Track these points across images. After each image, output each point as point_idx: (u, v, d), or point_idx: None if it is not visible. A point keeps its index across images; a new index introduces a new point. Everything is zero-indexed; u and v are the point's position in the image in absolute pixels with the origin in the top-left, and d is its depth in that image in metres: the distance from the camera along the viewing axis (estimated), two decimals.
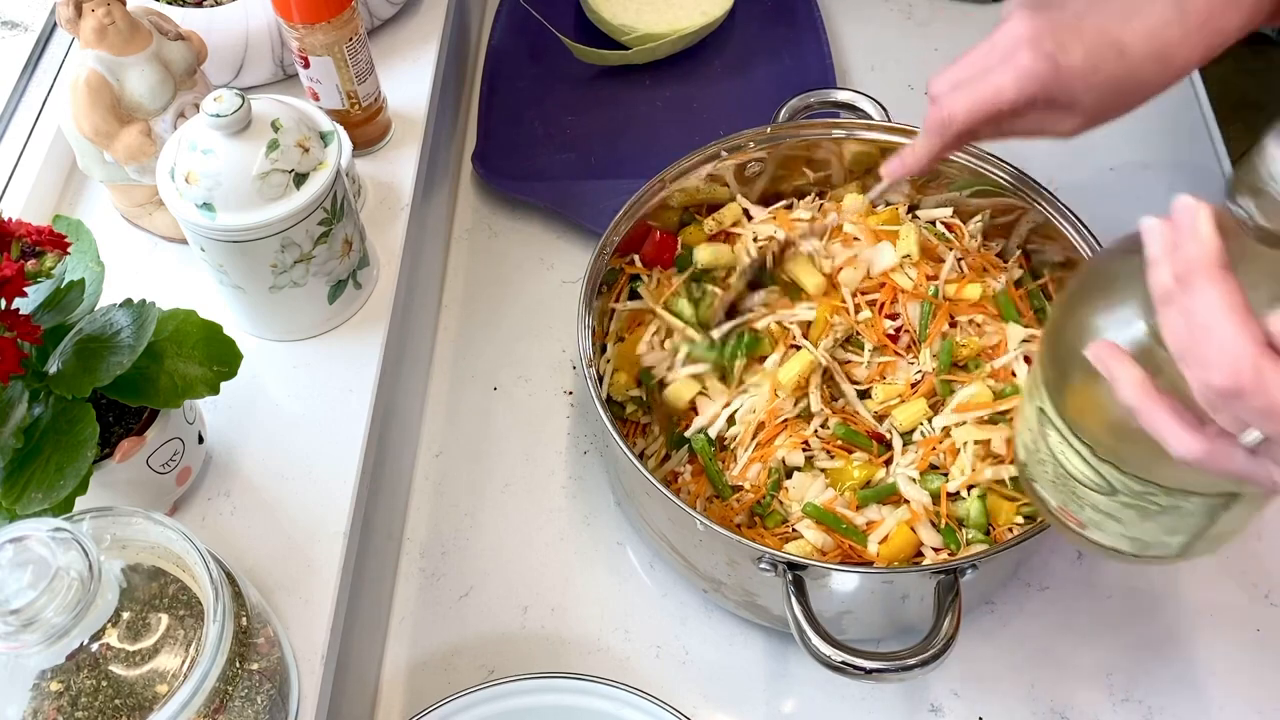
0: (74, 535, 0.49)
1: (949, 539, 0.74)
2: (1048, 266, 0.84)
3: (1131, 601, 0.80)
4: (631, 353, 0.82)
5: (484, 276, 1.00)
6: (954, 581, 0.65)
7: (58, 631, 0.48)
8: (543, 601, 0.81)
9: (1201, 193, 0.58)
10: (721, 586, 0.75)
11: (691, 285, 0.83)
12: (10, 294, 0.53)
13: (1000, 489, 0.75)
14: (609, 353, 0.83)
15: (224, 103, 0.65)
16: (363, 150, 0.88)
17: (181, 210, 0.68)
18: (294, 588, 0.67)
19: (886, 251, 0.82)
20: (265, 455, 0.72)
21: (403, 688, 0.78)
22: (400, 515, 0.85)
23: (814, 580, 0.67)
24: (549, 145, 1.06)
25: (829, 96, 0.88)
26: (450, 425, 0.91)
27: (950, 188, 0.87)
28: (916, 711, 0.76)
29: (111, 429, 0.63)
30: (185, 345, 0.61)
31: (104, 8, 0.70)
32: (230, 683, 0.55)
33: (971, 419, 0.76)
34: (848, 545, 0.74)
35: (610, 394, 0.81)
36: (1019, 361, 0.79)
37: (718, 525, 0.67)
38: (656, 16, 1.10)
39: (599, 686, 0.71)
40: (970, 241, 0.87)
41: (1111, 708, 0.76)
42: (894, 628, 0.76)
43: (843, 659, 0.63)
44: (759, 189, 0.90)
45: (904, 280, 0.81)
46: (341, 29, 0.80)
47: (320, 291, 0.75)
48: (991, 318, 0.81)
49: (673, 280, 0.85)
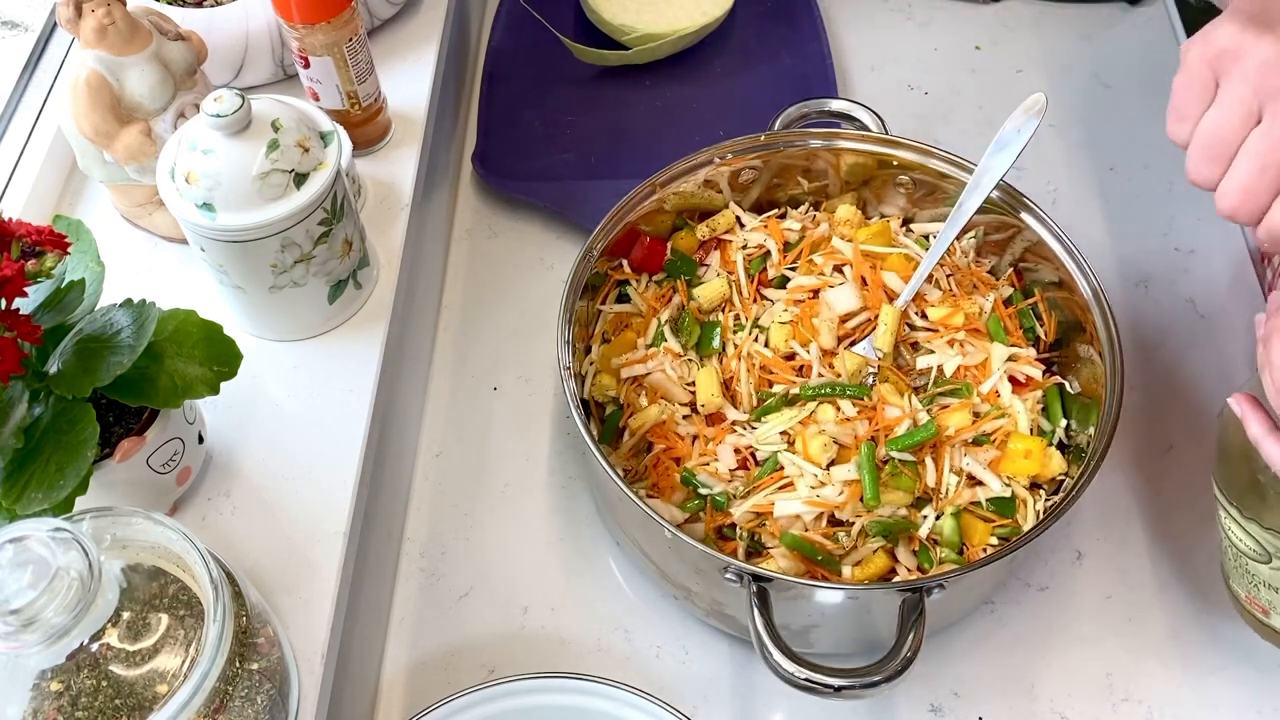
0: (74, 535, 0.49)
1: (922, 557, 0.74)
2: (1039, 285, 0.83)
3: (1131, 601, 0.80)
4: (614, 355, 0.82)
5: (484, 276, 1.00)
6: (919, 600, 0.65)
7: (58, 631, 0.48)
8: (543, 601, 0.81)
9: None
10: (692, 595, 0.75)
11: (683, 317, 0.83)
12: (10, 294, 0.53)
13: (976, 510, 0.75)
14: (593, 354, 0.83)
15: (224, 103, 0.65)
16: (363, 150, 0.88)
17: (181, 210, 0.68)
18: (294, 588, 0.67)
19: (847, 294, 0.81)
20: (265, 455, 0.72)
21: (403, 688, 0.78)
22: (400, 515, 0.85)
23: (779, 593, 0.67)
24: (549, 145, 1.06)
25: (825, 106, 0.88)
26: (450, 425, 0.91)
27: (945, 202, 0.86)
28: (916, 711, 0.76)
29: (111, 429, 0.63)
30: (185, 345, 0.61)
31: (104, 8, 0.70)
32: (230, 683, 0.55)
33: (959, 442, 0.76)
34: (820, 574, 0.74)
35: (594, 396, 0.82)
36: (1004, 382, 0.79)
37: (684, 534, 0.67)
38: (656, 16, 1.10)
39: (599, 686, 0.71)
40: (961, 258, 0.86)
41: (1111, 708, 0.76)
42: (863, 643, 0.75)
43: (798, 672, 0.62)
44: (753, 196, 0.89)
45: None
46: (341, 29, 0.80)
47: (320, 291, 0.75)
48: (974, 335, 0.80)
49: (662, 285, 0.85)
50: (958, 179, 0.83)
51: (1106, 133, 1.08)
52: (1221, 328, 0.94)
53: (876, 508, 0.73)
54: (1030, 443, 0.75)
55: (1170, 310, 0.95)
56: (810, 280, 0.83)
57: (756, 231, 0.87)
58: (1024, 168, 1.03)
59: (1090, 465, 0.69)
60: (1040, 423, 0.79)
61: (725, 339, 0.81)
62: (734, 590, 0.68)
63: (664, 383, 0.80)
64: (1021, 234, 0.82)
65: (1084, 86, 1.10)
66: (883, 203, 0.89)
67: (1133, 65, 1.12)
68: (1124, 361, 0.73)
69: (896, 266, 0.83)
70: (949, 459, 0.75)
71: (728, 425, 0.78)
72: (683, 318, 0.83)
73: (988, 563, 0.67)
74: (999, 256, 0.86)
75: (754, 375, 0.79)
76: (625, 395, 0.81)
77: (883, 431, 0.76)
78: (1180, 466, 0.86)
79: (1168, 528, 0.84)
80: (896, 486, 0.74)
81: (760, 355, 0.80)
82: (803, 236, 0.86)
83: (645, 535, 0.75)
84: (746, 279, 0.85)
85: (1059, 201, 1.02)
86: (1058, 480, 0.76)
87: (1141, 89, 1.10)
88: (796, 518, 0.73)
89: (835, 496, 0.73)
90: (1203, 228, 1.00)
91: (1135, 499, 0.85)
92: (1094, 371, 0.76)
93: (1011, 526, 0.75)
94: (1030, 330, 0.83)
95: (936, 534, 0.74)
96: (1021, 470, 0.75)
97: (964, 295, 0.83)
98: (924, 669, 0.75)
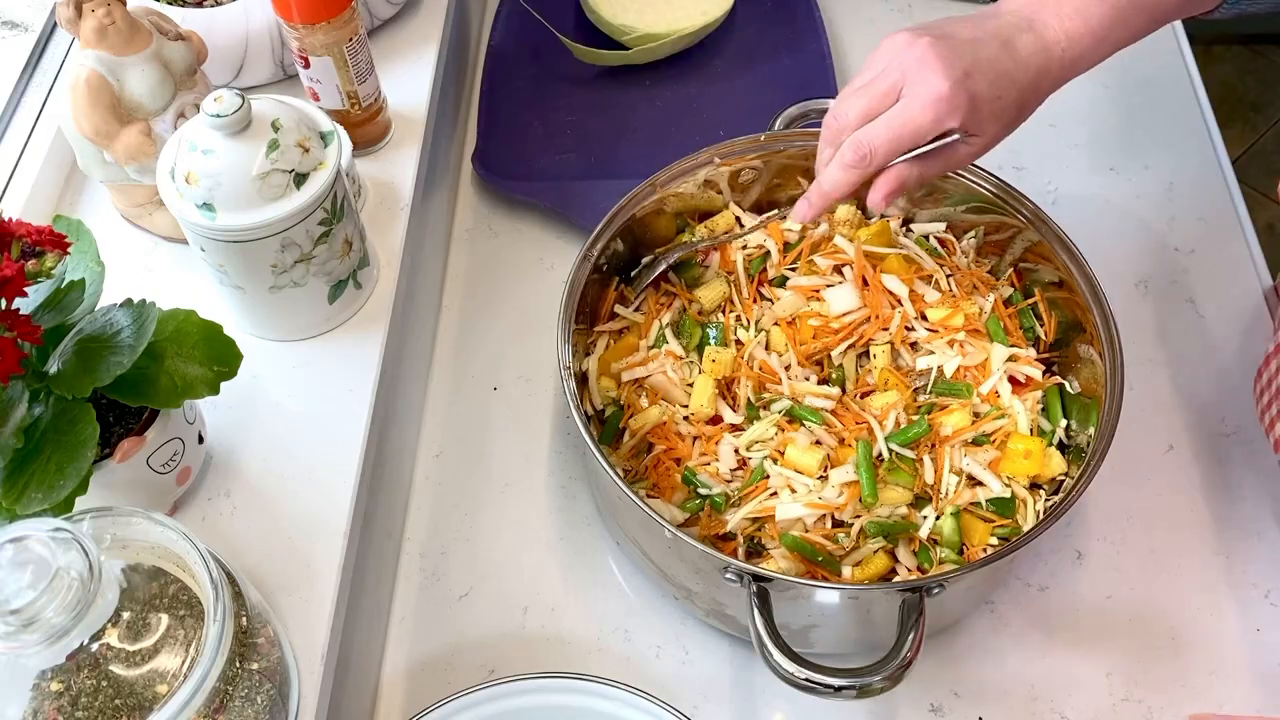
0: (74, 535, 0.49)
1: (922, 557, 0.74)
2: (1039, 285, 0.83)
3: (1131, 601, 0.80)
4: (614, 359, 0.82)
5: (484, 276, 1.00)
6: (919, 600, 0.65)
7: (58, 631, 0.48)
8: (543, 601, 0.81)
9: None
10: (692, 595, 0.75)
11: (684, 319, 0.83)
12: (10, 294, 0.53)
13: (976, 510, 0.75)
14: (594, 354, 0.83)
15: (224, 103, 0.65)
16: (363, 150, 0.88)
17: (181, 210, 0.68)
18: (294, 588, 0.67)
19: (845, 294, 0.81)
20: (265, 455, 0.72)
21: (403, 688, 0.78)
22: (400, 515, 0.85)
23: (779, 593, 0.67)
24: (549, 145, 1.06)
25: (825, 106, 0.87)
26: (450, 425, 0.91)
27: (945, 203, 0.86)
28: (916, 711, 0.76)
29: (111, 429, 0.63)
30: (185, 345, 0.61)
31: (104, 8, 0.70)
32: (230, 683, 0.55)
33: (959, 443, 0.76)
34: (820, 574, 0.74)
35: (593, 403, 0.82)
36: (1004, 382, 0.79)
37: (684, 534, 0.67)
38: (656, 16, 1.10)
39: (599, 686, 0.71)
40: (961, 258, 0.86)
41: (1111, 708, 0.76)
42: (863, 643, 0.75)
43: (798, 672, 0.62)
44: (753, 196, 0.89)
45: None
46: (341, 29, 0.80)
47: (320, 291, 0.75)
48: (974, 336, 0.80)
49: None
50: (958, 179, 0.83)
51: (1106, 133, 1.08)
52: (1221, 328, 0.94)
53: (876, 505, 0.73)
54: (1030, 443, 0.75)
55: (1170, 310, 0.95)
56: (810, 280, 0.83)
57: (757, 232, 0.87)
58: (1024, 168, 1.03)
59: (1090, 465, 0.69)
60: (1040, 423, 0.79)
61: (728, 339, 0.81)
62: (734, 590, 0.68)
63: (665, 385, 0.80)
64: (1021, 234, 0.82)
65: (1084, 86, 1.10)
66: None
67: (1133, 65, 1.12)
68: (1124, 361, 0.73)
69: (896, 267, 0.83)
70: (949, 459, 0.75)
71: (725, 426, 0.78)
72: (683, 320, 0.83)
73: (988, 563, 0.67)
74: (999, 256, 0.86)
75: (751, 378, 0.79)
76: (626, 397, 0.81)
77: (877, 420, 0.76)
78: (1180, 466, 0.86)
79: (1167, 528, 0.84)
80: (895, 482, 0.74)
81: (759, 359, 0.80)
82: (803, 237, 0.86)
83: (645, 535, 0.75)
84: (746, 279, 0.85)
85: (1059, 201, 1.02)
86: (1058, 480, 0.76)
87: (1141, 89, 1.10)
88: (797, 519, 0.73)
89: (835, 498, 0.73)
90: (1203, 228, 1.00)
91: (1135, 499, 0.85)
92: (1094, 371, 0.76)
93: (1011, 526, 0.75)
94: (1030, 330, 0.83)
95: (936, 534, 0.74)
96: (1021, 470, 0.75)
97: (964, 295, 0.83)
98: (924, 669, 0.75)
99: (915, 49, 0.67)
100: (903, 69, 0.67)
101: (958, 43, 0.67)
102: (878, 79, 0.69)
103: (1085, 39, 0.69)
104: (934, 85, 0.66)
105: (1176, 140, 1.06)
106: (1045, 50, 0.69)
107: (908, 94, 0.67)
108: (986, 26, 0.69)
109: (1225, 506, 0.84)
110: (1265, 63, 2.42)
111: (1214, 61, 2.38)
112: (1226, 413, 0.89)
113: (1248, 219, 1.01)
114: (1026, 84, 0.69)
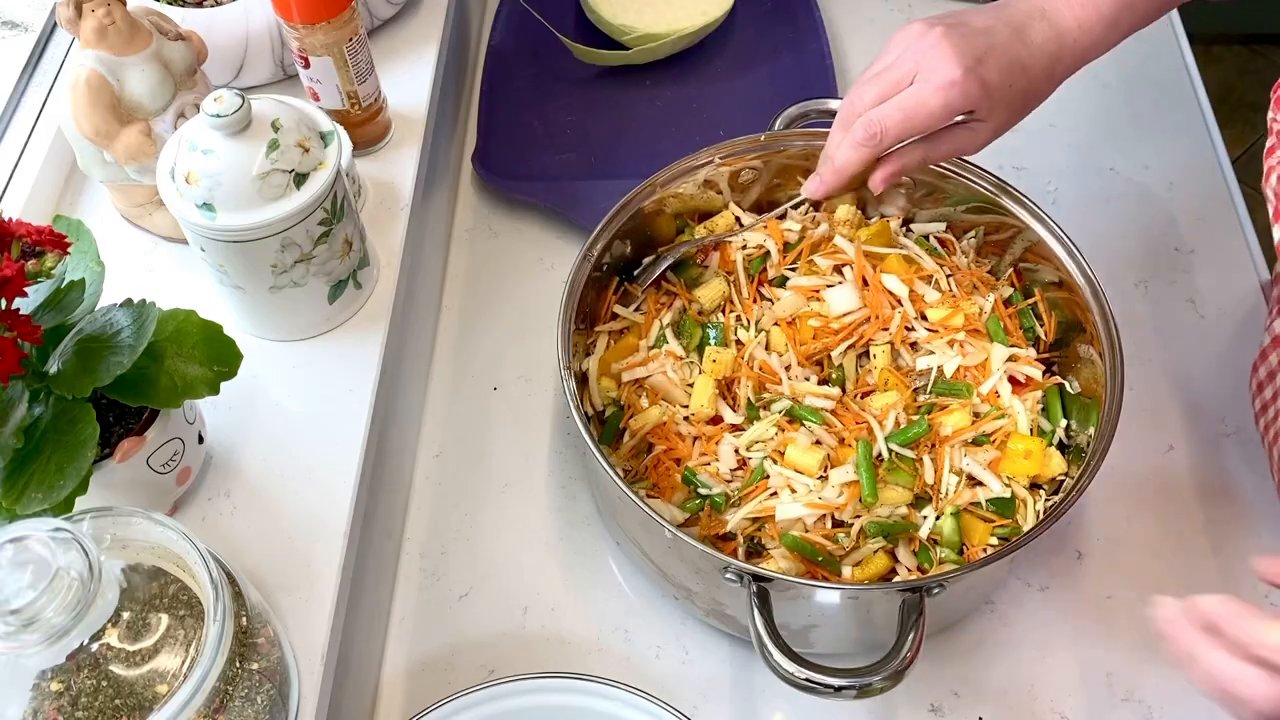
0: (74, 535, 0.49)
1: (922, 557, 0.74)
2: (1039, 285, 0.83)
3: (1131, 602, 0.80)
4: (614, 359, 0.82)
5: (484, 276, 1.00)
6: (919, 600, 0.65)
7: (58, 631, 0.48)
8: (543, 601, 0.81)
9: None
10: (692, 595, 0.75)
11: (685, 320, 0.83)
12: (10, 294, 0.53)
13: (976, 510, 0.75)
14: (595, 354, 0.83)
15: (224, 103, 0.65)
16: (363, 150, 0.88)
17: (181, 210, 0.68)
18: (294, 588, 0.67)
19: (845, 295, 0.81)
20: (265, 455, 0.72)
21: (403, 688, 0.78)
22: (400, 515, 0.85)
23: (779, 593, 0.67)
24: (549, 145, 1.06)
25: (825, 106, 0.88)
26: (450, 425, 0.91)
27: (945, 203, 0.86)
28: (916, 711, 0.76)
29: (111, 429, 0.63)
30: (185, 345, 0.61)
31: (104, 8, 0.70)
32: (230, 683, 0.55)
33: (959, 443, 0.76)
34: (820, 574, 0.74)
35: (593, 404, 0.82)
36: (1004, 382, 0.79)
37: (684, 534, 0.67)
38: (656, 16, 1.10)
39: (599, 686, 0.71)
40: (961, 258, 0.86)
41: (1111, 708, 0.76)
42: (863, 643, 0.75)
43: (798, 672, 0.62)
44: (753, 196, 0.89)
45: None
46: (341, 29, 0.80)
47: (320, 291, 0.75)
48: (974, 336, 0.80)
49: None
50: (958, 179, 0.83)
51: (1106, 133, 1.08)
52: (1221, 328, 0.94)
53: (876, 505, 0.73)
54: (1030, 443, 0.75)
55: (1170, 310, 0.95)
56: (810, 280, 0.83)
57: (757, 232, 0.87)
58: (1024, 168, 1.03)
59: (1090, 465, 0.69)
60: (1040, 423, 0.79)
61: (728, 339, 0.81)
62: (734, 590, 0.68)
63: (665, 385, 0.80)
64: (1021, 234, 0.82)
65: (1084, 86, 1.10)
66: (882, 203, 0.89)
67: (1132, 65, 1.12)
68: (1124, 361, 0.73)
69: (896, 267, 0.83)
70: (949, 459, 0.75)
71: (725, 426, 0.78)
72: (684, 321, 0.83)
73: (988, 563, 0.67)
74: (999, 256, 0.86)
75: (751, 378, 0.79)
76: (626, 397, 0.81)
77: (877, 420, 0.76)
78: (1180, 466, 0.86)
79: (1167, 528, 0.84)
80: (895, 482, 0.74)
81: (759, 359, 0.80)
82: (802, 237, 0.86)
83: (645, 535, 0.75)
84: (746, 279, 0.85)
85: (1059, 201, 1.02)
86: (1058, 480, 0.76)
87: (1142, 89, 1.10)
88: (797, 519, 0.73)
89: (835, 498, 0.73)
90: (1203, 228, 1.00)
91: (1135, 499, 0.85)
92: (1094, 371, 0.76)
93: (1011, 526, 0.75)
94: (1030, 330, 0.83)
95: (936, 534, 0.74)
96: (1021, 470, 0.75)
97: (964, 295, 0.83)
98: (924, 669, 0.75)
99: (929, 38, 0.68)
100: (916, 57, 0.69)
101: (970, 31, 0.68)
102: (891, 67, 0.70)
103: (1097, 26, 0.70)
104: (946, 71, 0.67)
105: (1176, 140, 1.06)
106: (1058, 38, 0.70)
107: (920, 80, 0.68)
108: (1000, 15, 0.70)
109: (1225, 507, 0.84)
110: (1265, 63, 2.42)
111: (1214, 61, 2.38)
112: (1226, 413, 0.89)
113: (1248, 219, 1.01)
114: (1039, 72, 0.70)
